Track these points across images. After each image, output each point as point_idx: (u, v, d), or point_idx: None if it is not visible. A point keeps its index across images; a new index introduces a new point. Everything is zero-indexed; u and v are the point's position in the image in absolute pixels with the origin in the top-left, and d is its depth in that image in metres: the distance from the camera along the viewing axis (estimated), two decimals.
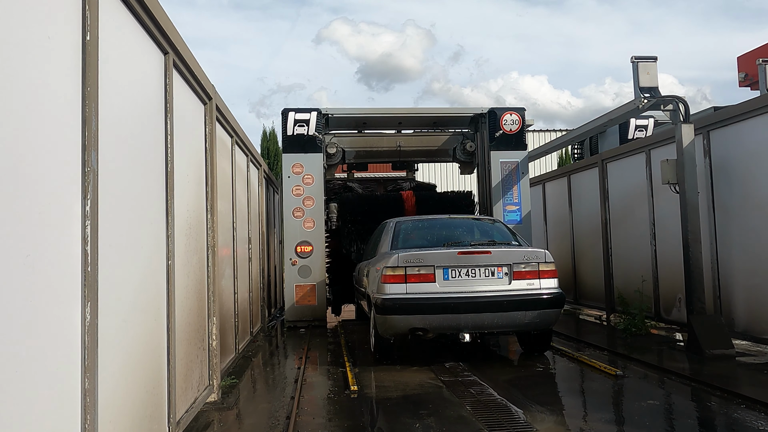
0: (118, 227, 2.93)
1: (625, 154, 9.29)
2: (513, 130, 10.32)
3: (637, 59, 7.44)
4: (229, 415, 4.76)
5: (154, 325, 3.52)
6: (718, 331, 6.69)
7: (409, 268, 6.33)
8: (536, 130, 23.78)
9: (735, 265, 6.94)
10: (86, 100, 2.54)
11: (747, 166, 6.71)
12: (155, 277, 3.58)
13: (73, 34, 2.50)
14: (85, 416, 2.45)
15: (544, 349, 6.98)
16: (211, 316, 5.16)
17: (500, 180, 10.21)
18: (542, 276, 6.47)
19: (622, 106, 8.18)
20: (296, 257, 9.89)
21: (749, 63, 13.77)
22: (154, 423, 3.45)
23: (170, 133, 3.90)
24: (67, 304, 2.36)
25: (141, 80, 3.44)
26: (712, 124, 7.25)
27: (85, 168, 2.51)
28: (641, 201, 8.78)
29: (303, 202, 9.99)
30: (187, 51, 4.28)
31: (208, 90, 5.11)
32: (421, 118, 11.31)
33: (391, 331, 6.45)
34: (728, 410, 4.58)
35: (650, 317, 8.39)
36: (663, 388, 5.40)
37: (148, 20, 3.42)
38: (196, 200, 4.77)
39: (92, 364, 2.49)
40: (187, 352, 4.31)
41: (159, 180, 3.72)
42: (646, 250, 8.64)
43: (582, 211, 10.86)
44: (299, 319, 9.91)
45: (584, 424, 4.40)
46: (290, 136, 10.12)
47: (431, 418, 4.50)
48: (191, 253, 4.55)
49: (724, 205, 7.13)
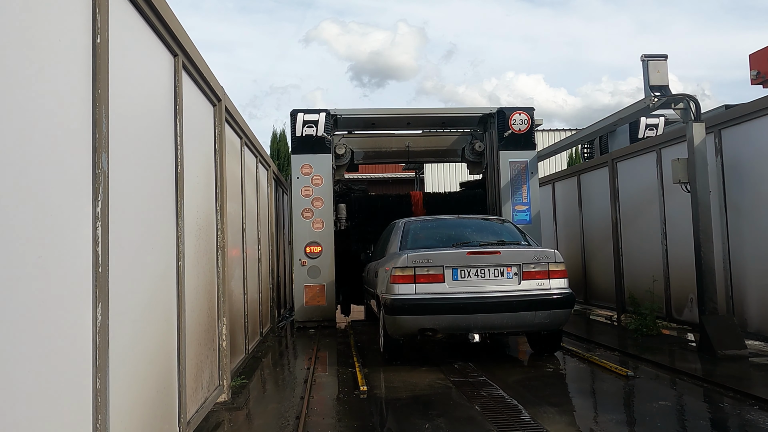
0: (129, 228, 2.94)
1: (636, 154, 9.23)
2: (522, 130, 10.29)
3: (647, 57, 7.39)
4: (239, 415, 4.78)
5: (164, 326, 3.54)
6: (731, 332, 6.62)
7: (418, 268, 6.32)
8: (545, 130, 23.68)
9: (747, 264, 6.87)
10: (97, 102, 2.55)
11: (759, 164, 6.65)
12: (166, 278, 3.60)
13: (84, 36, 2.52)
14: (97, 416, 2.46)
15: (554, 350, 6.95)
16: (221, 316, 5.18)
17: (509, 180, 10.18)
18: (552, 276, 6.44)
19: (633, 104, 8.12)
20: (305, 258, 9.91)
21: (761, 60, 13.65)
22: (164, 423, 3.47)
23: (180, 134, 3.92)
24: (78, 305, 2.38)
25: (151, 82, 3.46)
26: (724, 123, 7.19)
27: (95, 170, 2.53)
28: (652, 200, 8.72)
29: (312, 203, 10.01)
30: (196, 52, 4.30)
31: (217, 91, 5.13)
32: (430, 118, 11.30)
33: (401, 331, 6.44)
34: (741, 411, 4.54)
35: (661, 317, 8.33)
36: (675, 388, 5.36)
37: (157, 22, 3.44)
38: (205, 201, 4.79)
39: (103, 364, 2.51)
40: (197, 353, 4.33)
41: (169, 181, 3.74)
42: (657, 249, 8.58)
43: (592, 211, 10.80)
44: (309, 319, 9.93)
45: (595, 425, 4.37)
46: (299, 137, 10.15)
47: (441, 418, 4.49)
48: (201, 254, 4.56)
49: (736, 204, 7.06)
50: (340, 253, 10.53)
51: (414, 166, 18.20)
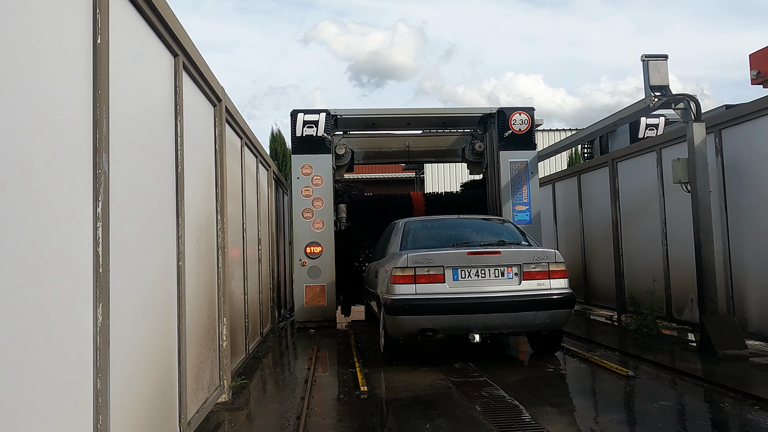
0: (129, 229, 2.94)
1: (636, 154, 9.23)
2: (522, 130, 10.29)
3: (647, 57, 7.39)
4: (239, 415, 4.78)
5: (165, 326, 3.54)
6: (731, 332, 6.62)
7: (418, 268, 6.32)
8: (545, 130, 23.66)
9: (748, 264, 6.87)
10: (97, 103, 2.55)
11: (759, 164, 6.65)
12: (166, 279, 3.60)
13: (84, 37, 2.51)
14: (97, 416, 2.46)
15: (554, 350, 6.95)
16: (221, 317, 5.18)
17: (509, 180, 10.18)
18: (552, 276, 6.44)
19: (633, 104, 8.12)
20: (306, 258, 9.91)
21: (761, 60, 13.64)
22: (165, 423, 3.47)
23: (180, 134, 3.92)
24: (78, 306, 2.38)
25: (151, 82, 3.46)
26: (724, 123, 7.18)
27: (96, 170, 2.53)
28: (652, 200, 8.72)
29: (312, 203, 10.01)
30: (196, 53, 4.30)
31: (217, 92, 5.13)
32: (430, 119, 11.30)
33: (401, 331, 6.44)
34: (742, 411, 4.54)
35: (662, 317, 8.33)
36: (675, 389, 5.36)
37: (157, 22, 3.44)
38: (206, 201, 4.79)
39: (104, 364, 2.51)
40: (197, 353, 4.33)
41: (169, 181, 3.74)
42: (658, 249, 8.57)
43: (592, 211, 10.80)
44: (309, 319, 9.94)
45: (595, 425, 4.37)
46: (299, 137, 10.15)
47: (441, 419, 4.49)
48: (202, 254, 4.56)
49: (736, 204, 7.06)
50: (340, 253, 10.53)
51: (414, 166, 18.22)
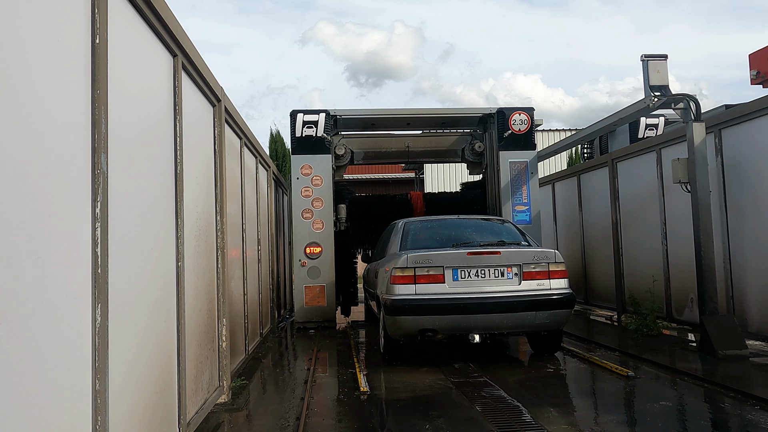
0: (128, 229, 2.94)
1: (636, 154, 9.22)
2: (522, 130, 10.29)
3: (647, 57, 7.39)
4: (239, 416, 4.77)
5: (164, 327, 3.53)
6: (731, 332, 6.62)
7: (418, 268, 6.32)
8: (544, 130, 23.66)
9: (748, 264, 6.87)
10: (96, 103, 2.55)
11: (759, 164, 6.64)
12: (165, 279, 3.60)
13: (83, 37, 2.51)
14: (96, 417, 2.45)
15: (554, 350, 6.94)
16: (221, 317, 5.18)
17: (509, 180, 10.18)
18: (552, 276, 6.43)
19: (633, 104, 8.12)
20: (305, 258, 9.91)
21: (761, 60, 13.63)
22: (164, 424, 3.46)
23: (179, 135, 3.91)
24: (77, 306, 2.37)
25: (150, 82, 3.45)
26: (724, 123, 7.18)
27: (95, 170, 2.52)
28: (652, 200, 8.72)
29: (312, 204, 10.00)
30: (195, 53, 4.29)
31: (216, 92, 5.13)
32: (430, 119, 11.30)
33: (401, 332, 6.43)
34: (742, 411, 4.53)
35: (662, 317, 8.32)
36: (675, 389, 5.36)
37: (156, 22, 3.43)
38: (205, 202, 4.78)
39: (103, 365, 2.50)
40: (197, 354, 4.32)
41: (169, 182, 3.73)
42: (658, 249, 8.57)
43: (592, 211, 10.80)
44: (309, 320, 9.93)
45: (595, 425, 4.36)
46: (299, 137, 10.15)
47: (441, 419, 4.49)
48: (201, 254, 4.56)
49: (736, 204, 7.06)
50: (340, 253, 10.52)
51: (414, 166, 18.21)
